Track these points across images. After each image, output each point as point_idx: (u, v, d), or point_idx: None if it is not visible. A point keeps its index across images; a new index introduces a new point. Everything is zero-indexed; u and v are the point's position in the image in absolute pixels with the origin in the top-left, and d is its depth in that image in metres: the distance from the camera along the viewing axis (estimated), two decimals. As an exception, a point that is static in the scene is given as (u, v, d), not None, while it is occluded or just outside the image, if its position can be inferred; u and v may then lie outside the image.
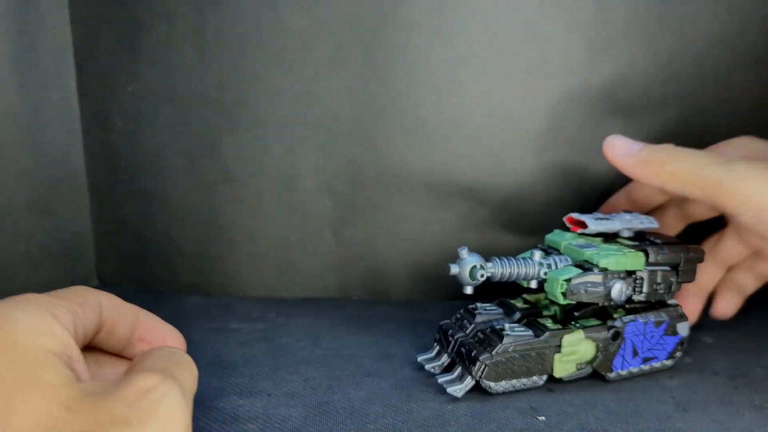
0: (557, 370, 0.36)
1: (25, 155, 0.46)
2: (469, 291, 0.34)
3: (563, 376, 0.36)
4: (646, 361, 0.38)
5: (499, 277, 0.35)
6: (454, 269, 0.34)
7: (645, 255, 0.37)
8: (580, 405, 0.35)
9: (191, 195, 0.49)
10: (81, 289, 0.27)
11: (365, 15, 0.44)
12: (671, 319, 0.38)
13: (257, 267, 0.50)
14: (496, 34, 0.44)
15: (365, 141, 0.46)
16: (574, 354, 0.36)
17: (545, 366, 0.36)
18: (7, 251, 0.46)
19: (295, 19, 0.44)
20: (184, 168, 0.48)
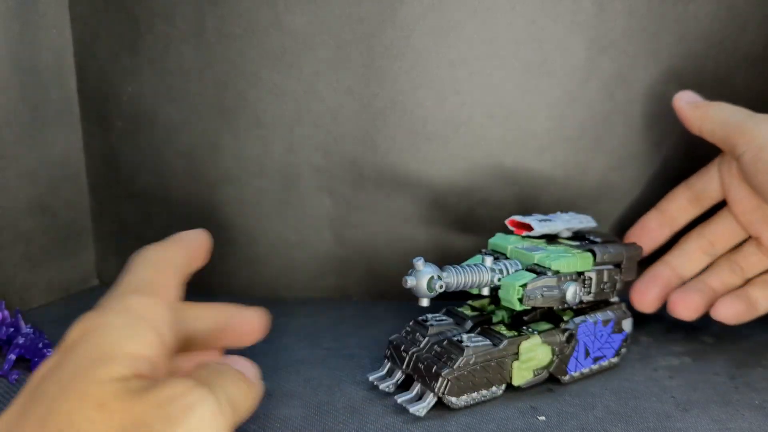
0: (515, 377, 0.35)
1: (25, 155, 0.46)
2: (425, 303, 0.32)
3: (521, 383, 0.35)
4: (596, 360, 0.38)
5: (455, 287, 0.33)
6: (411, 281, 0.32)
7: (593, 255, 0.37)
8: (580, 405, 0.35)
9: (191, 195, 0.49)
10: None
11: (365, 15, 0.44)
12: (617, 317, 0.39)
13: (257, 267, 0.50)
14: (496, 34, 0.44)
15: (365, 141, 0.46)
16: (531, 360, 0.35)
17: (504, 375, 0.35)
18: (7, 251, 0.46)
19: (295, 19, 0.44)
20: (184, 168, 0.48)
